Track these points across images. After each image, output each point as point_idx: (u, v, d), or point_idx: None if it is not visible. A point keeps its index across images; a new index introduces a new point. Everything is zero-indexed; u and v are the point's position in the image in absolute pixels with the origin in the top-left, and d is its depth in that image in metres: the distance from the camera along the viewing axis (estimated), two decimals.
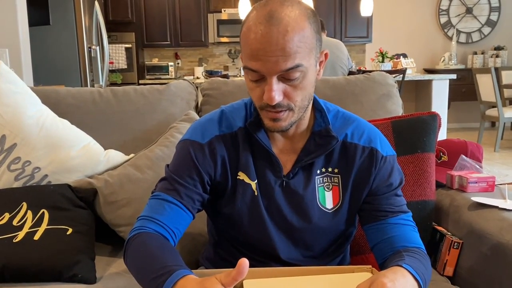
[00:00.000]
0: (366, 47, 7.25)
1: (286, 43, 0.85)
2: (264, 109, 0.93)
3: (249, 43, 0.88)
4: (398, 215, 1.01)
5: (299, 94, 0.91)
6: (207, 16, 6.69)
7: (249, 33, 0.88)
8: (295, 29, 0.86)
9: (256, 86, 0.92)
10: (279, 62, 0.86)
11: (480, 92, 5.68)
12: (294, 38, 0.85)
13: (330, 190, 1.02)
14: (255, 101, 0.94)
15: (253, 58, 0.87)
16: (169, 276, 0.80)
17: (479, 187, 1.37)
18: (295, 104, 0.92)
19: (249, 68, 0.89)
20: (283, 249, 1.02)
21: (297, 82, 0.90)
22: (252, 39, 0.87)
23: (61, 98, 1.63)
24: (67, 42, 3.48)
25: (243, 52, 0.92)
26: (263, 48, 0.85)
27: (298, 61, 0.87)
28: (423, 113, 1.43)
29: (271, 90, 0.88)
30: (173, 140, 1.50)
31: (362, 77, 1.78)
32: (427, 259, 0.96)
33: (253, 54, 0.87)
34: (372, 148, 1.02)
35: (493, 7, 7.39)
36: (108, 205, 1.38)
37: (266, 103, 0.90)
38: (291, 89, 0.90)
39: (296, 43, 0.86)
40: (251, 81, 0.92)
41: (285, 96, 0.90)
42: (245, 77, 0.94)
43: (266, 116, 0.94)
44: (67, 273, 1.16)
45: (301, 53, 0.87)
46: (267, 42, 0.85)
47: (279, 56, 0.85)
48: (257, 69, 0.88)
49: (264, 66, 0.87)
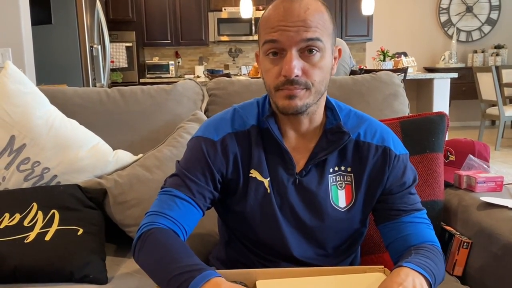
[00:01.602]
0: (367, 46, 7.26)
1: (308, 16, 0.90)
2: (280, 88, 0.93)
3: (270, 19, 0.92)
4: (412, 213, 1.02)
5: (317, 73, 0.93)
6: (207, 15, 6.69)
7: (270, 12, 0.93)
8: (315, 9, 0.91)
9: (273, 66, 0.93)
10: (300, 31, 0.89)
11: (480, 91, 5.69)
12: (315, 15, 0.91)
13: (343, 188, 1.02)
14: (271, 82, 0.95)
15: (273, 29, 0.91)
16: (199, 274, 0.80)
17: (487, 187, 1.37)
18: (313, 83, 0.93)
19: (269, 40, 0.91)
20: (296, 247, 1.02)
21: (316, 60, 0.92)
22: (274, 15, 0.91)
23: (68, 98, 1.63)
24: (69, 41, 3.48)
25: (262, 33, 0.94)
26: (285, 19, 0.90)
27: (318, 35, 0.91)
28: (431, 113, 1.43)
29: (290, 61, 0.90)
30: (181, 140, 1.50)
31: (368, 77, 1.79)
32: (438, 255, 0.96)
33: (274, 26, 0.90)
34: (385, 147, 1.03)
35: (493, 6, 7.40)
36: (117, 205, 1.38)
37: (284, 80, 0.91)
38: (309, 66, 0.92)
39: (316, 19, 0.90)
40: (269, 61, 0.93)
41: (303, 73, 0.92)
42: (262, 61, 0.96)
43: (281, 95, 0.94)
44: (78, 274, 1.16)
45: (321, 30, 0.91)
46: (289, 14, 0.90)
47: (300, 26, 0.89)
48: (278, 39, 0.90)
49: (285, 35, 0.89)
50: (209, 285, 0.79)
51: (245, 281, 0.89)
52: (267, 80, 0.96)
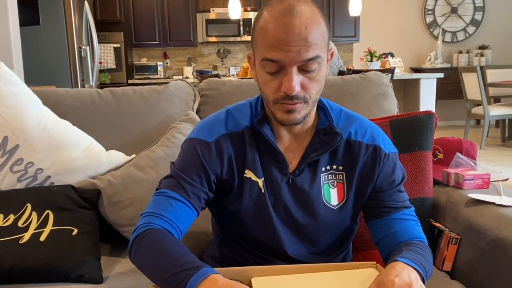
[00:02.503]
0: (354, 47, 7.31)
1: (308, 34, 0.88)
2: (279, 102, 0.94)
3: (270, 34, 0.90)
4: (401, 210, 1.05)
5: (315, 86, 0.94)
6: (195, 16, 6.69)
7: (269, 25, 0.90)
8: (314, 22, 0.90)
9: (272, 78, 0.93)
10: (301, 52, 0.88)
11: (465, 91, 5.77)
12: (314, 30, 0.89)
13: (335, 187, 1.04)
14: (269, 95, 0.95)
15: (274, 48, 0.89)
16: (196, 272, 0.81)
17: (475, 184, 1.40)
18: (311, 96, 0.94)
19: (269, 59, 0.90)
20: (289, 246, 1.04)
21: (314, 74, 0.93)
22: (273, 30, 0.89)
23: (60, 99, 1.63)
24: (57, 42, 3.46)
25: (260, 45, 0.93)
26: (286, 38, 0.88)
27: (317, 52, 0.90)
28: (420, 112, 1.46)
29: (291, 80, 0.90)
30: (174, 141, 1.51)
31: (358, 77, 1.81)
32: (427, 251, 0.99)
33: (275, 44, 0.89)
34: (376, 145, 1.05)
35: (477, 7, 7.51)
36: (111, 205, 1.39)
37: (283, 95, 0.92)
38: (308, 81, 0.93)
39: (316, 35, 0.89)
40: (267, 74, 0.93)
41: (302, 88, 0.92)
42: (259, 71, 0.96)
43: (281, 109, 0.95)
44: (74, 274, 1.17)
45: (319, 45, 0.91)
46: (290, 32, 0.88)
47: (301, 46, 0.88)
48: (279, 59, 0.89)
49: (287, 56, 0.89)
50: (207, 282, 0.80)
51: (240, 279, 0.90)
52: (265, 91, 0.96)
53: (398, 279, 0.83)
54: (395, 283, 0.82)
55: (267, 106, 0.99)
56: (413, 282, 0.83)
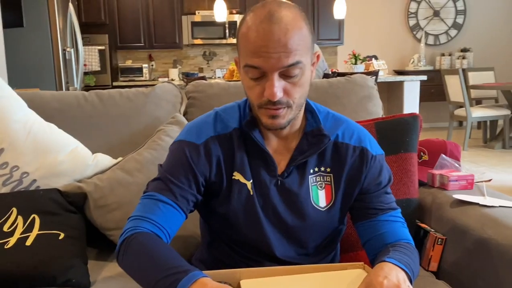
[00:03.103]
0: (338, 49, 7.36)
1: (288, 40, 0.89)
2: (263, 107, 0.95)
3: (251, 42, 0.90)
4: (388, 212, 1.06)
5: (297, 91, 0.94)
6: (181, 18, 6.67)
7: (250, 32, 0.91)
8: (294, 28, 0.90)
9: (255, 84, 0.94)
10: (281, 58, 0.89)
11: (448, 93, 5.85)
12: (294, 36, 0.89)
13: (323, 188, 1.05)
14: (254, 100, 0.96)
15: (255, 55, 0.90)
16: (185, 275, 0.81)
17: (459, 185, 1.42)
18: (294, 101, 0.95)
19: (250, 65, 0.91)
20: (278, 247, 1.04)
21: (296, 79, 0.93)
22: (254, 37, 0.90)
23: (45, 102, 1.61)
24: (41, 44, 3.41)
25: (242, 52, 0.94)
26: (266, 45, 0.89)
27: (298, 57, 0.90)
28: (405, 115, 1.48)
29: (272, 86, 0.90)
30: (161, 143, 1.51)
31: (343, 80, 1.83)
32: (414, 252, 1.01)
33: (256, 51, 0.90)
34: (363, 147, 1.06)
35: (459, 10, 7.63)
36: (98, 209, 1.38)
37: (267, 100, 0.92)
38: (291, 86, 0.93)
39: (296, 41, 0.90)
40: (251, 80, 0.94)
41: (284, 93, 0.93)
42: (243, 76, 0.96)
43: (265, 114, 0.95)
44: (61, 278, 1.15)
45: (300, 51, 0.91)
46: (269, 39, 0.88)
47: (281, 52, 0.89)
48: (259, 66, 0.90)
49: (267, 62, 0.89)
50: (196, 285, 0.80)
51: (229, 281, 0.90)
52: (249, 95, 0.97)
53: (387, 280, 0.84)
54: (383, 284, 0.83)
55: (254, 111, 1.00)
56: (401, 283, 0.84)
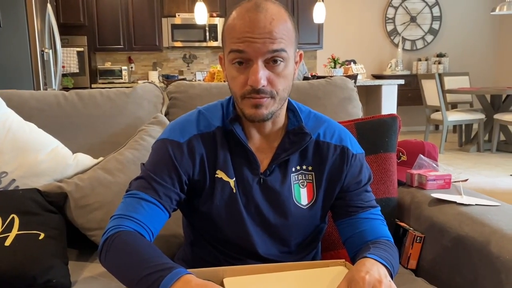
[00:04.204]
0: (318, 54, 7.43)
1: (273, 28, 0.92)
2: (246, 97, 0.95)
3: (236, 29, 0.93)
4: (368, 209, 1.08)
5: (281, 82, 0.96)
6: (161, 20, 6.63)
7: (236, 21, 0.94)
8: (279, 19, 0.93)
9: (239, 74, 0.95)
10: (266, 43, 0.91)
11: (425, 97, 5.96)
12: (280, 25, 0.93)
13: (305, 187, 1.06)
14: (237, 90, 0.96)
15: (239, 40, 0.92)
16: (169, 273, 0.80)
17: (437, 184, 1.46)
18: (278, 92, 0.96)
19: (235, 49, 0.93)
20: (261, 245, 1.05)
21: (280, 69, 0.95)
22: (239, 25, 0.93)
23: (24, 102, 1.59)
24: (19, 45, 3.35)
25: (227, 41, 0.95)
26: (251, 31, 0.91)
27: (283, 46, 0.93)
28: (384, 116, 1.50)
29: (257, 72, 0.92)
30: (143, 143, 1.50)
31: (324, 82, 1.85)
32: (393, 249, 1.03)
33: (241, 37, 0.92)
34: (343, 146, 1.08)
35: (435, 16, 7.78)
36: (79, 209, 1.37)
37: (250, 89, 0.93)
38: (274, 76, 0.94)
39: (281, 30, 0.93)
40: (234, 67, 0.95)
41: (268, 82, 0.94)
42: (228, 67, 0.98)
43: (248, 103, 0.96)
44: (41, 279, 1.14)
45: (285, 40, 0.93)
46: (255, 26, 0.91)
47: (266, 38, 0.91)
48: (244, 49, 0.92)
49: (251, 47, 0.91)
50: (180, 283, 0.79)
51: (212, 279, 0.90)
52: (233, 87, 0.98)
53: (369, 275, 0.85)
54: (365, 279, 0.84)
55: (237, 104, 1.01)
56: (383, 278, 0.86)
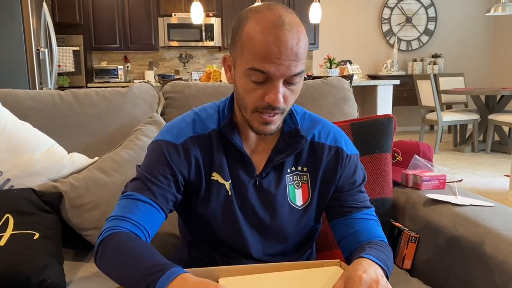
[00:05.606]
0: (313, 54, 7.44)
1: (299, 49, 0.90)
2: (258, 111, 0.94)
3: (261, 45, 0.88)
4: (363, 210, 1.08)
5: (293, 98, 0.96)
6: (157, 20, 6.62)
7: (260, 35, 0.89)
8: (304, 36, 0.92)
9: (257, 88, 0.92)
10: (291, 66, 0.89)
11: (420, 97, 5.98)
12: (303, 44, 0.91)
13: (300, 188, 1.07)
14: (250, 103, 0.94)
15: (266, 60, 0.88)
16: (165, 272, 0.80)
17: (432, 184, 1.46)
18: (287, 107, 0.96)
19: (259, 69, 0.89)
20: (256, 247, 1.05)
21: (295, 87, 0.94)
22: (266, 43, 0.88)
23: (19, 101, 1.58)
24: (14, 44, 3.33)
25: (247, 53, 0.91)
26: (279, 52, 0.88)
27: (303, 66, 0.92)
28: (380, 116, 1.51)
29: (278, 92, 0.91)
30: (138, 143, 1.50)
31: (320, 82, 1.86)
32: (388, 249, 1.03)
33: (267, 56, 0.88)
34: (338, 147, 1.08)
35: (430, 17, 7.81)
36: (74, 209, 1.36)
37: (266, 105, 0.92)
38: (289, 93, 0.94)
39: (303, 49, 0.91)
40: (252, 82, 0.92)
41: (283, 100, 0.93)
42: (242, 78, 0.93)
43: (259, 119, 0.95)
44: (36, 279, 1.14)
45: (304, 59, 0.93)
46: (283, 46, 0.88)
47: (292, 60, 0.89)
48: (269, 72, 0.89)
49: (277, 69, 0.89)
50: (177, 281, 0.79)
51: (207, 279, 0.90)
52: (246, 98, 0.95)
53: (366, 274, 0.85)
54: (362, 278, 0.84)
55: (243, 113, 0.99)
56: (380, 279, 0.86)
